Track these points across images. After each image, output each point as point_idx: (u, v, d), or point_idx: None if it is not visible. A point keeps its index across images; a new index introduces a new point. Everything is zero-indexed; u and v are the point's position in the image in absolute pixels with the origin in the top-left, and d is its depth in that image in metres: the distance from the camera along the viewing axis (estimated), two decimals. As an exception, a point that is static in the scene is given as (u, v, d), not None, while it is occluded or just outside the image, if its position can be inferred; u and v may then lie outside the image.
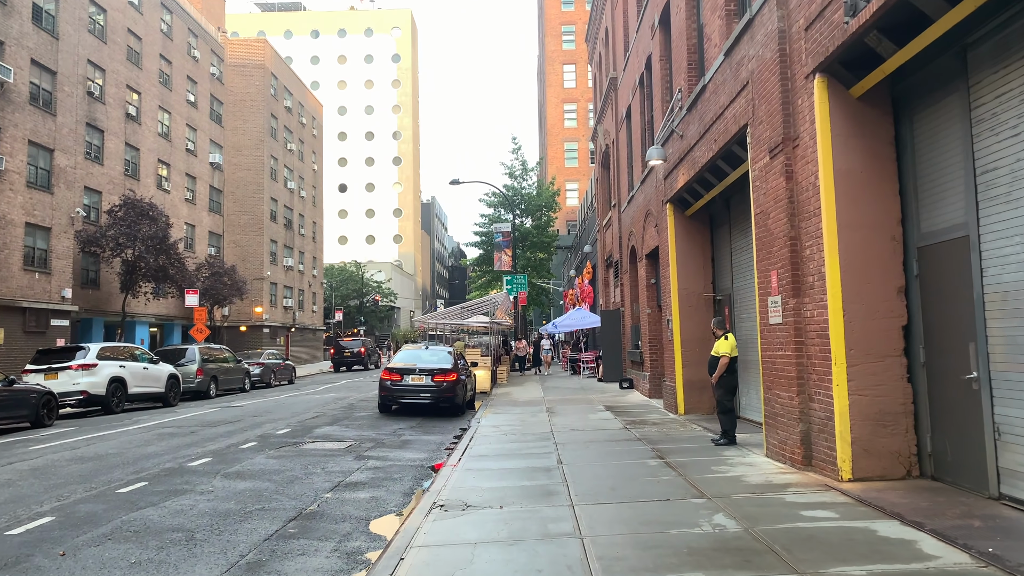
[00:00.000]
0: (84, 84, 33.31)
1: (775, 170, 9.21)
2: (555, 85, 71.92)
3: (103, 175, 34.95)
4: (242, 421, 16.41)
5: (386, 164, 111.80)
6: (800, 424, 8.65)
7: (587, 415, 15.94)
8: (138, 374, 20.65)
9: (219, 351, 27.46)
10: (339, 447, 12.27)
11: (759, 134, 9.77)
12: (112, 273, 33.91)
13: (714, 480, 8.34)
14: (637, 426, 13.63)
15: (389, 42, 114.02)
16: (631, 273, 22.55)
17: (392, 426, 15.31)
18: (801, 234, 8.75)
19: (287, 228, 57.18)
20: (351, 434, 13.95)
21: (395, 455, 11.49)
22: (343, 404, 20.71)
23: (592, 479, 8.66)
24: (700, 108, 12.86)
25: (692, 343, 15.19)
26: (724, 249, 14.76)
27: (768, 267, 9.54)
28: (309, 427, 15.09)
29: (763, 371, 9.85)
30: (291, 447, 12.28)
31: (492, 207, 45.47)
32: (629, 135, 22.43)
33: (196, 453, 11.57)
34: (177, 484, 9.13)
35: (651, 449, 10.78)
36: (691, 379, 15.12)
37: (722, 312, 14.83)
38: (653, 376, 19.27)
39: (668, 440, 11.67)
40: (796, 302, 8.78)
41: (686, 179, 13.85)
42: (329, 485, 9.10)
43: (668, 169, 15.37)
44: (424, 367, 17.29)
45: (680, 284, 15.37)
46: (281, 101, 56.84)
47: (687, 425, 13.53)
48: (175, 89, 42.70)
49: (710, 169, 12.74)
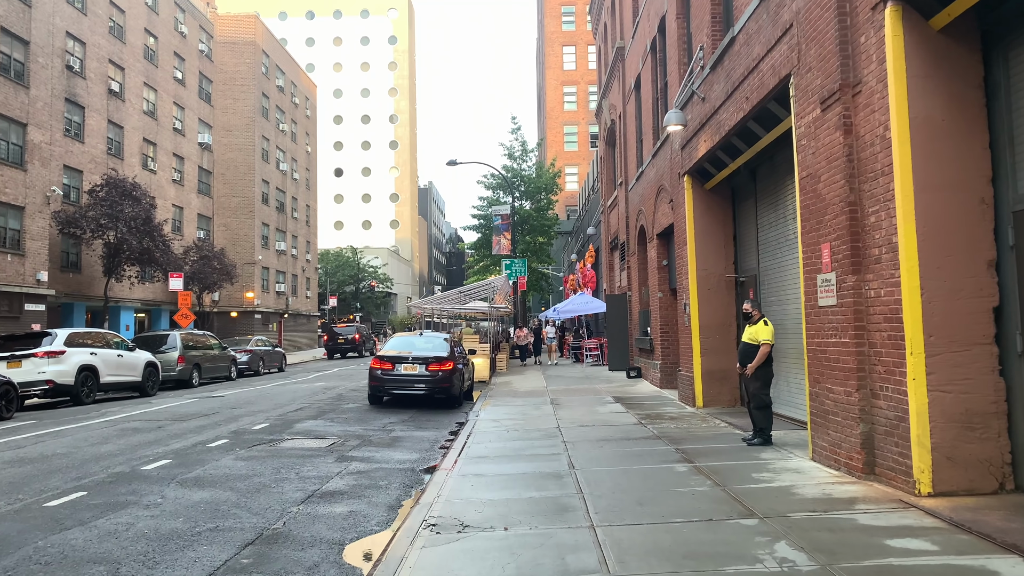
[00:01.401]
0: (63, 57, 31.67)
1: (829, 124, 7.78)
2: (554, 67, 70.37)
3: (84, 153, 33.38)
4: (218, 414, 15.02)
5: (383, 148, 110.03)
6: (860, 424, 7.27)
7: (595, 408, 14.58)
8: (111, 362, 19.21)
9: (203, 337, 26.04)
10: (320, 446, 10.88)
11: (806, 83, 8.33)
12: (94, 256, 32.42)
13: (760, 492, 6.97)
14: (653, 421, 12.26)
15: (385, 23, 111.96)
16: (639, 255, 21.13)
17: (382, 420, 13.93)
18: (863, 198, 7.33)
19: (279, 211, 55.61)
20: (335, 430, 12.57)
21: (382, 455, 10.11)
22: (331, 395, 19.33)
23: (613, 489, 7.29)
24: (727, 64, 11.41)
25: (712, 329, 13.82)
26: (748, 225, 13.35)
27: (817, 240, 8.13)
28: (290, 421, 13.69)
29: (809, 361, 8.46)
30: (266, 445, 10.89)
31: (491, 189, 43.94)
32: (638, 107, 20.95)
33: (155, 453, 10.17)
34: (121, 494, 7.73)
35: (675, 450, 9.40)
36: (710, 369, 13.77)
37: (747, 295, 13.44)
38: (665, 365, 17.90)
39: (692, 438, 10.30)
40: (856, 279, 7.37)
41: (709, 146, 12.41)
42: (301, 495, 7.72)
43: (686, 138, 13.92)
44: (418, 355, 15.89)
45: (699, 265, 13.97)
46: (273, 80, 55.12)
47: (709, 420, 12.17)
48: (161, 66, 41.03)
49: (739, 133, 11.30)
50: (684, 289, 14.60)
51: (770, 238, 12.31)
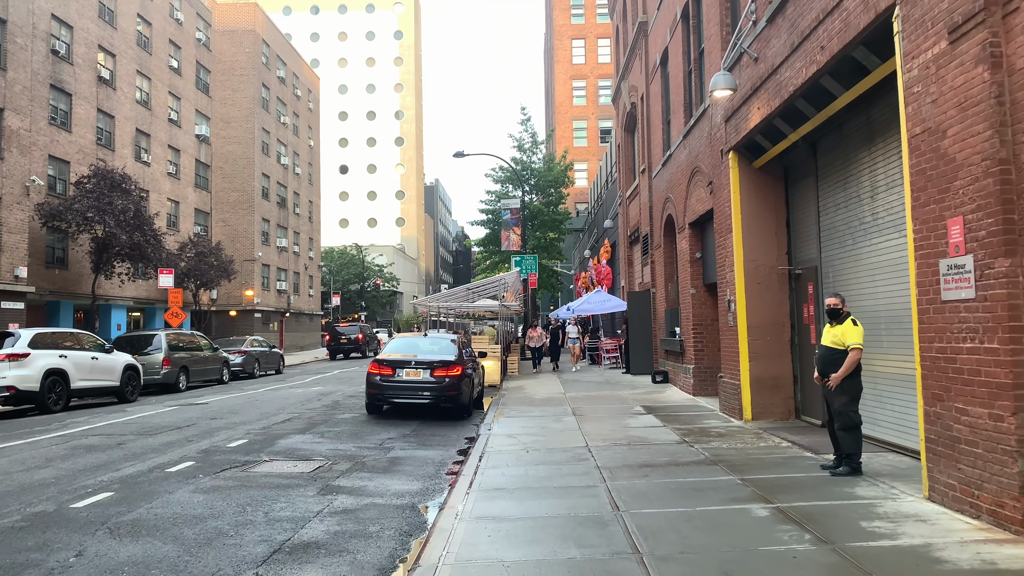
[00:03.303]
0: (47, 41, 29.89)
1: (963, 59, 5.86)
2: (563, 61, 68.58)
3: (71, 143, 31.60)
4: (194, 426, 13.16)
5: (388, 145, 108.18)
6: (1019, 461, 5.36)
7: (625, 420, 12.68)
8: (84, 365, 17.39)
9: (192, 337, 24.22)
10: (302, 471, 9.01)
11: (921, 12, 6.41)
12: (81, 252, 30.64)
13: (887, 555, 5.06)
14: (699, 439, 10.36)
15: (391, 18, 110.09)
16: (666, 248, 19.21)
17: (380, 434, 12.06)
18: (1021, 154, 5.42)
19: (280, 207, 53.80)
20: (324, 448, 10.70)
21: (376, 485, 8.23)
22: (327, 402, 17.48)
23: (681, 547, 5.39)
24: (791, 12, 9.48)
25: (762, 329, 11.92)
26: (807, 209, 11.44)
27: (940, 214, 6.21)
28: (273, 436, 11.83)
29: (924, 372, 6.54)
30: (237, 470, 9.03)
31: (499, 183, 41.96)
32: (664, 85, 19.03)
33: (98, 483, 8.31)
34: (22, 551, 5.84)
35: (741, 481, 7.50)
36: (760, 376, 11.87)
37: (804, 290, 11.53)
38: (699, 370, 15.99)
39: (756, 464, 8.40)
40: (1010, 264, 5.45)
41: (764, 114, 10.49)
42: (265, 550, 5.85)
43: (732, 108, 12.01)
44: (422, 359, 14.01)
45: (746, 256, 12.07)
46: (274, 71, 53.30)
47: (765, 437, 10.26)
48: (156, 53, 39.24)
49: (807, 93, 9.38)
50: (728, 284, 12.69)
51: (836, 222, 10.42)
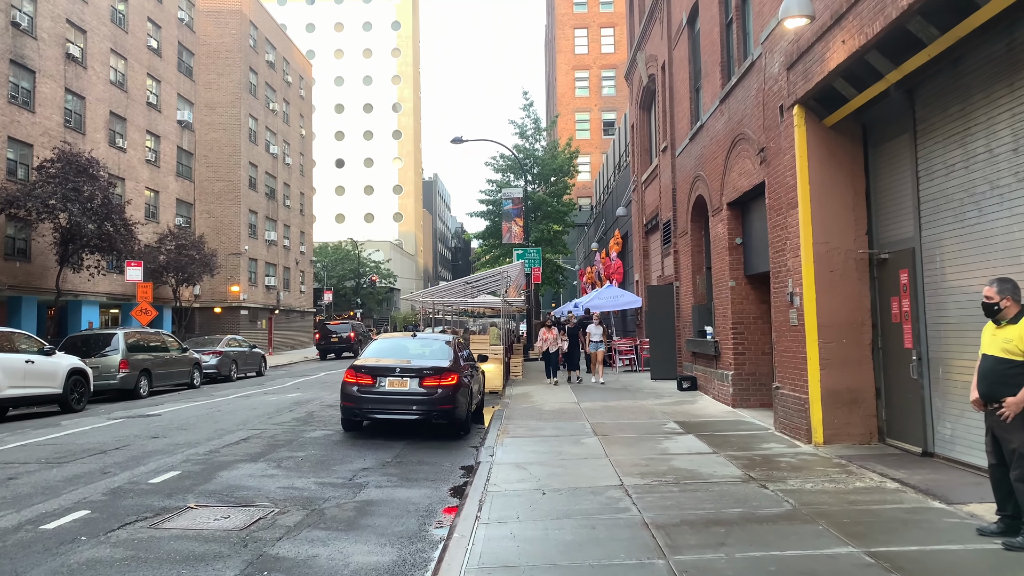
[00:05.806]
0: (7, 12, 27.30)
1: None
2: (565, 51, 66.24)
3: (34, 125, 29.01)
4: (124, 448, 10.63)
5: (385, 138, 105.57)
6: None
7: (661, 442, 10.16)
8: (17, 371, 14.84)
9: (156, 336, 21.67)
10: (232, 527, 6.47)
11: None
12: (45, 243, 28.08)
13: None
14: (768, 474, 7.83)
15: (389, 8, 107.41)
16: (694, 235, 16.69)
17: (353, 462, 9.53)
18: None
19: (269, 198, 51.17)
20: (275, 485, 8.15)
21: (330, 556, 5.70)
22: (299, 413, 14.94)
23: None
24: (905, -101, 6.94)
25: (837, 330, 9.42)
26: (897, 176, 8.93)
27: None
28: (216, 466, 9.28)
29: None
30: (142, 524, 6.50)
31: (500, 172, 39.36)
32: (694, 47, 16.50)
33: (-71, 550, 5.79)
34: None
35: (870, 559, 4.97)
36: (835, 388, 9.38)
37: (894, 278, 9.00)
38: (739, 377, 13.47)
39: (871, 521, 5.87)
40: None
41: (854, 47, 7.95)
42: None
43: (800, 48, 9.48)
44: (409, 366, 11.47)
45: (816, 237, 9.58)
46: (262, 55, 50.65)
47: (855, 472, 7.75)
48: (132, 32, 36.63)
49: (924, 9, 6.84)
50: (789, 273, 10.17)
51: (946, 191, 7.92)
